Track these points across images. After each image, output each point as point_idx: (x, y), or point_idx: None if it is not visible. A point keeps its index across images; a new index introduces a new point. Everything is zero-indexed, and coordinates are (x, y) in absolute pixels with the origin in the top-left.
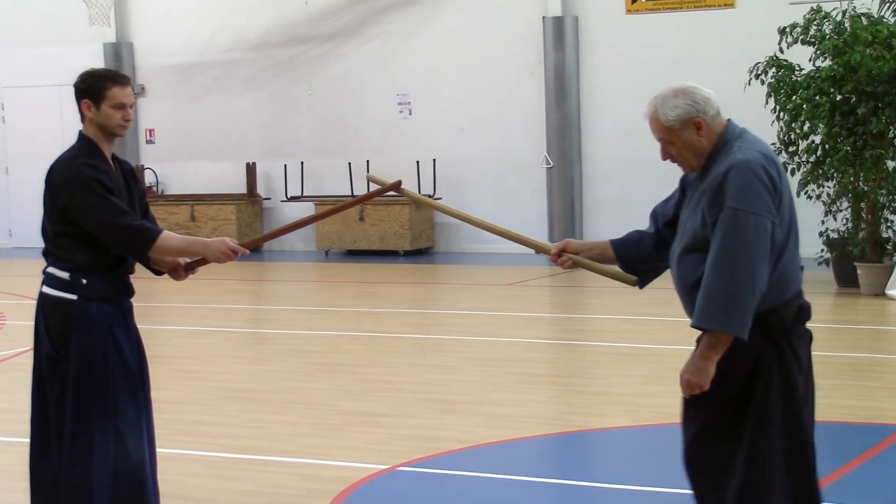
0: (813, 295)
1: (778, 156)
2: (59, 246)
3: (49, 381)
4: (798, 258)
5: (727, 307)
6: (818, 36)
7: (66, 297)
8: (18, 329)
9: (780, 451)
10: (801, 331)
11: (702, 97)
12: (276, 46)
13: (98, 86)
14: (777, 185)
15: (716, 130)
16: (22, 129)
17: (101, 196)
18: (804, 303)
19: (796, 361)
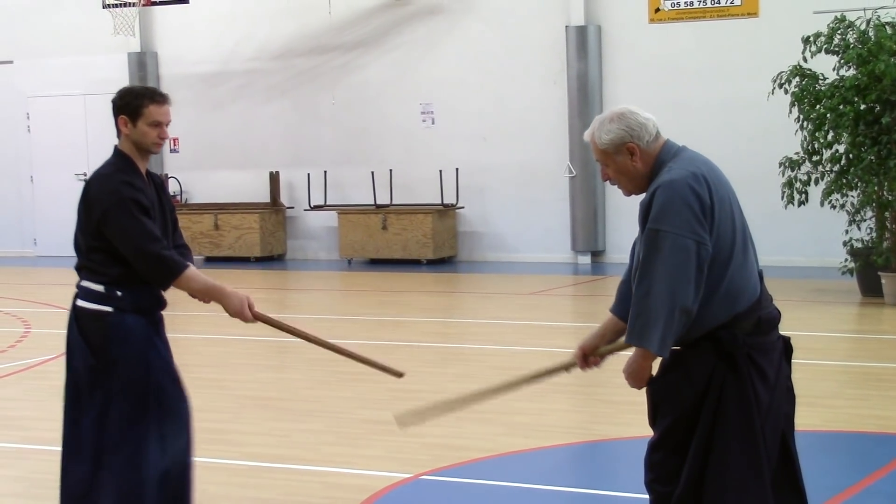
0: (837, 304)
1: (804, 164)
2: (93, 260)
3: (89, 391)
4: (751, 269)
5: (646, 326)
6: (842, 45)
7: (102, 310)
8: (43, 337)
9: (732, 466)
10: (764, 343)
11: (637, 122)
12: (300, 56)
13: (135, 103)
14: (706, 203)
15: (651, 154)
16: (47, 139)
17: (135, 218)
18: (765, 313)
19: (758, 375)
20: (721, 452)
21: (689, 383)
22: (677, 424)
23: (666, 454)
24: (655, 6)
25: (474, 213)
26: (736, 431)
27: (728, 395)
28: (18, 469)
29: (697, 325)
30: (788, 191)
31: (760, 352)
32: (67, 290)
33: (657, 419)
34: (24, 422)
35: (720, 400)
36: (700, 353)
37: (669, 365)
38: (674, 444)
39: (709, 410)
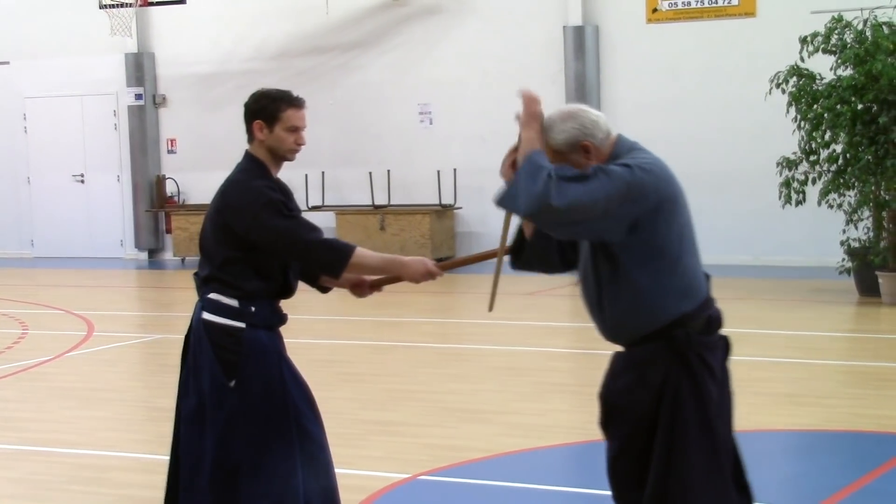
0: (834, 304)
1: (801, 163)
2: (228, 272)
3: (214, 410)
4: (700, 267)
5: (530, 179)
6: (839, 45)
7: (236, 326)
8: (40, 339)
9: (695, 465)
10: (712, 341)
11: (590, 120)
12: (298, 56)
13: (273, 107)
14: (649, 195)
15: (605, 152)
16: (44, 140)
17: (288, 216)
18: (713, 312)
19: (709, 373)
20: (681, 453)
21: (644, 386)
22: (638, 430)
23: (630, 462)
24: (653, 6)
25: (472, 214)
26: (694, 431)
27: (684, 395)
28: (16, 470)
29: (651, 318)
30: (786, 190)
31: (709, 350)
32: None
33: (612, 427)
34: (22, 423)
35: (675, 400)
36: (652, 354)
37: (621, 369)
38: (637, 451)
39: (666, 412)
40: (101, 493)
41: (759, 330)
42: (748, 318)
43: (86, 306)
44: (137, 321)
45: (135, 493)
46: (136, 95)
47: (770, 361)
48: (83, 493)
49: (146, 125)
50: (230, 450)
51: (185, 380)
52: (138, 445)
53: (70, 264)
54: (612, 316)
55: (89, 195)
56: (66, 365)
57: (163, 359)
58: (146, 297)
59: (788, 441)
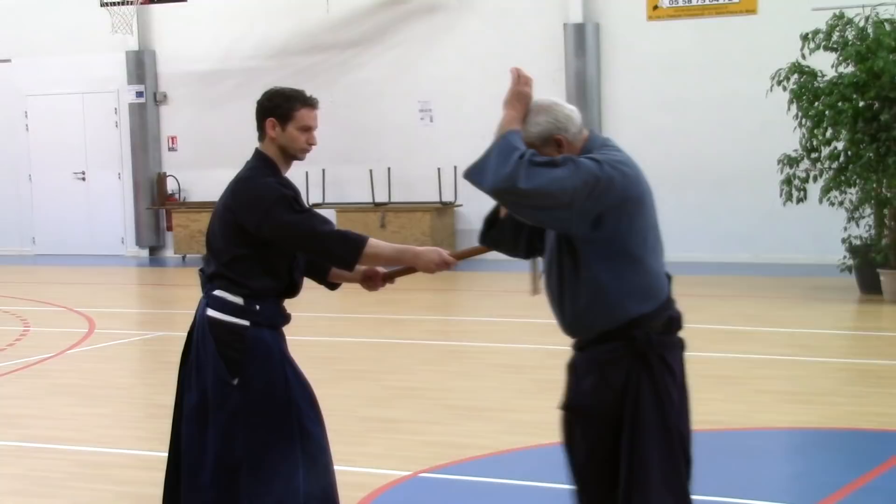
0: (836, 302)
1: (802, 161)
2: (235, 270)
3: (216, 408)
4: (663, 269)
5: (501, 157)
6: (841, 42)
7: (240, 324)
8: (41, 336)
9: (656, 466)
10: (671, 341)
11: (564, 115)
12: (298, 54)
13: (286, 106)
14: (615, 191)
15: (577, 146)
16: (45, 138)
17: (300, 211)
18: (674, 313)
19: (669, 373)
20: (641, 455)
21: (608, 386)
22: (606, 430)
23: (602, 463)
24: (654, 4)
25: (473, 211)
26: (654, 431)
27: (644, 395)
28: (18, 467)
29: (609, 315)
30: (787, 188)
31: (669, 350)
32: (66, 288)
33: (581, 430)
34: (24, 420)
35: (637, 401)
36: (613, 354)
37: (584, 372)
38: (607, 451)
39: (629, 412)
40: (102, 490)
41: (759, 328)
42: (749, 315)
43: (87, 303)
44: (138, 318)
45: (135, 489)
46: (136, 93)
47: (771, 359)
48: (84, 490)
49: (147, 123)
50: (232, 448)
51: (187, 376)
52: (139, 442)
53: (71, 261)
54: (572, 310)
55: (90, 193)
56: (68, 362)
57: (163, 356)
58: (147, 294)
59: (789, 439)
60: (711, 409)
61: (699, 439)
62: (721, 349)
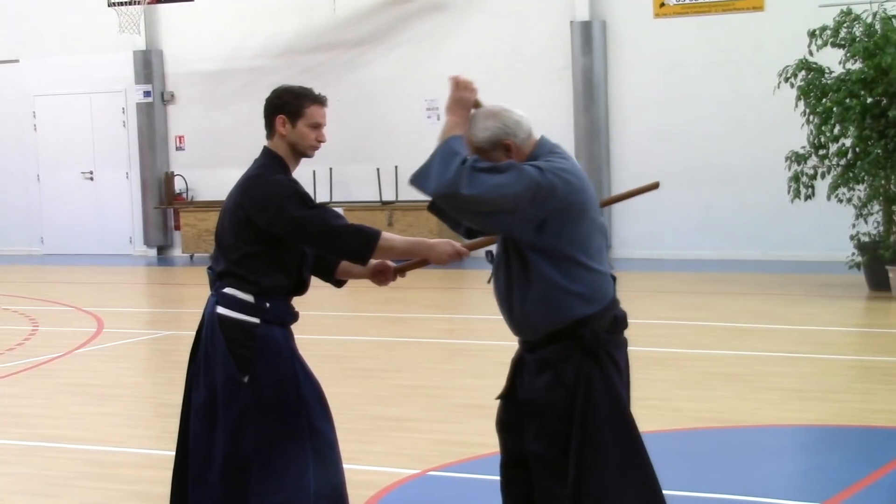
0: (844, 299)
1: (810, 158)
2: (245, 267)
3: (226, 405)
4: (607, 272)
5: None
6: (848, 38)
7: (250, 321)
8: (49, 335)
9: (612, 460)
10: (617, 340)
11: (512, 120)
12: (305, 53)
13: (296, 103)
14: (558, 198)
15: (525, 152)
16: (53, 137)
17: (312, 207)
18: (619, 313)
19: (616, 370)
20: (597, 451)
21: (561, 382)
22: (560, 425)
23: (559, 457)
24: (660, 1)
25: None
26: (610, 426)
27: (596, 391)
28: (26, 466)
29: (554, 316)
30: (795, 185)
31: (616, 348)
32: (74, 287)
33: (534, 428)
34: (32, 419)
35: (587, 397)
36: (563, 352)
37: (535, 371)
38: (562, 446)
39: (580, 406)
40: (110, 489)
41: (767, 325)
42: (757, 312)
43: (95, 303)
44: (146, 318)
45: (144, 488)
46: (144, 93)
47: (779, 356)
48: (92, 489)
49: (154, 122)
50: (242, 445)
51: (195, 373)
52: (147, 441)
53: (79, 261)
54: (520, 311)
55: (98, 192)
56: (76, 361)
57: (172, 355)
58: (155, 293)
59: (798, 437)
60: (720, 407)
61: (708, 436)
62: (729, 346)
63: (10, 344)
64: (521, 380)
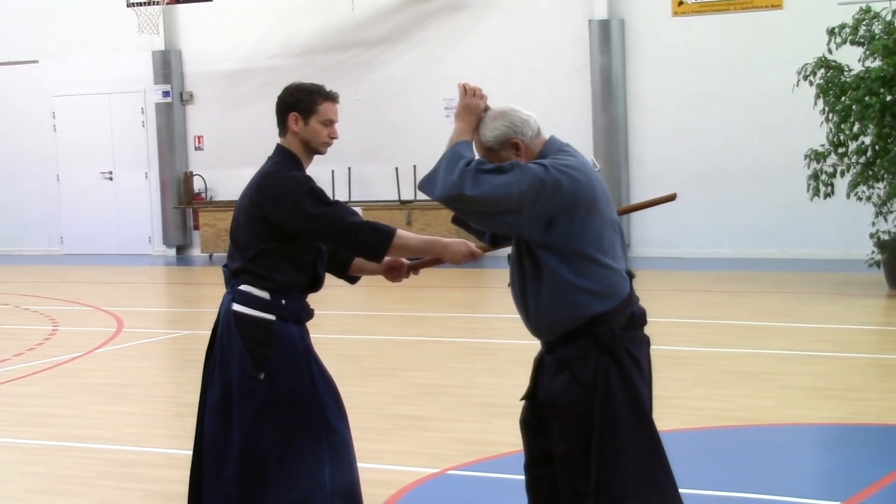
0: (864, 297)
1: (829, 156)
2: (261, 264)
3: (242, 402)
4: (621, 269)
5: (449, 167)
6: (867, 36)
7: (266, 318)
8: (69, 335)
9: (632, 458)
10: (637, 336)
11: (520, 119)
12: (323, 52)
13: (308, 100)
14: (563, 194)
15: (534, 150)
16: (73, 137)
17: (328, 203)
18: (637, 309)
19: (636, 367)
20: (619, 449)
21: (579, 382)
22: (581, 425)
23: (582, 457)
24: None
25: None
26: (629, 426)
27: (614, 391)
28: (46, 466)
29: (569, 315)
30: (814, 183)
31: (636, 345)
32: (94, 287)
33: (555, 428)
34: (53, 419)
35: (607, 396)
36: (581, 351)
37: (554, 371)
38: (584, 446)
39: (600, 406)
40: (131, 488)
41: (787, 323)
42: (776, 311)
43: (115, 303)
44: (166, 317)
45: (163, 487)
46: (163, 93)
47: (798, 355)
48: (112, 489)
49: (174, 122)
50: (258, 442)
51: (211, 371)
52: (167, 441)
53: (99, 261)
54: (535, 311)
55: (118, 192)
56: (96, 361)
57: (191, 355)
58: (174, 293)
59: (818, 435)
60: (739, 405)
61: (728, 434)
62: (748, 345)
63: (31, 344)
64: (542, 380)
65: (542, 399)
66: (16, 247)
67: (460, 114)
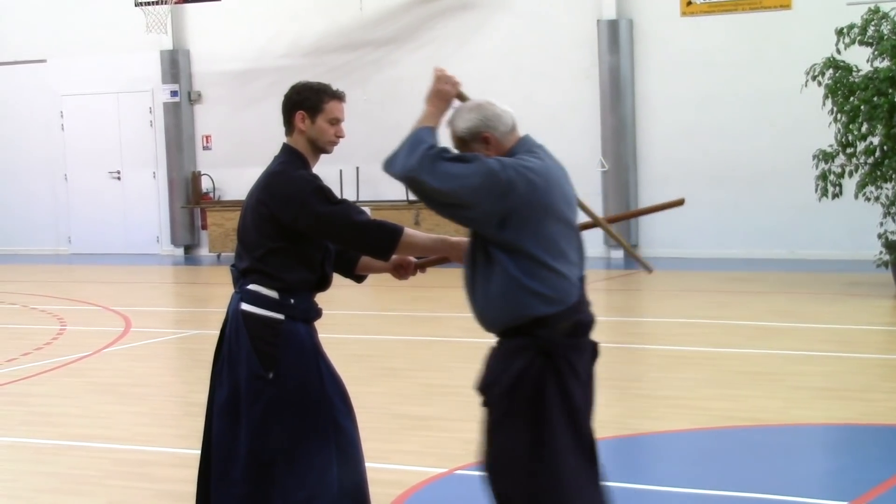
0: (872, 297)
1: (838, 156)
2: (269, 264)
3: (250, 402)
4: (570, 272)
5: (409, 149)
6: (876, 36)
7: (275, 317)
8: (78, 334)
9: (566, 458)
10: (580, 344)
11: (493, 113)
12: (331, 52)
13: (315, 98)
14: (517, 195)
15: (505, 146)
16: (80, 137)
17: (336, 202)
18: (584, 317)
19: (573, 374)
20: (551, 450)
21: (507, 370)
22: (512, 423)
23: (512, 456)
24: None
25: None
26: (563, 430)
27: (549, 392)
28: (55, 465)
29: (511, 313)
30: (822, 183)
31: (576, 352)
32: (102, 287)
33: (495, 424)
34: (61, 418)
35: (540, 397)
36: (520, 346)
37: (490, 364)
38: (518, 437)
39: (531, 407)
40: (140, 488)
41: (795, 324)
42: (784, 311)
43: (123, 302)
44: (174, 317)
45: (173, 487)
46: (171, 92)
47: (806, 355)
48: (121, 488)
49: (182, 122)
50: (266, 442)
51: (219, 370)
52: (176, 440)
53: (107, 261)
54: (482, 303)
55: (125, 192)
56: (104, 361)
57: (199, 354)
58: (182, 293)
59: (826, 435)
60: (747, 405)
61: (736, 434)
62: (756, 345)
63: (39, 343)
64: (483, 369)
65: (478, 390)
66: (24, 246)
67: (430, 98)
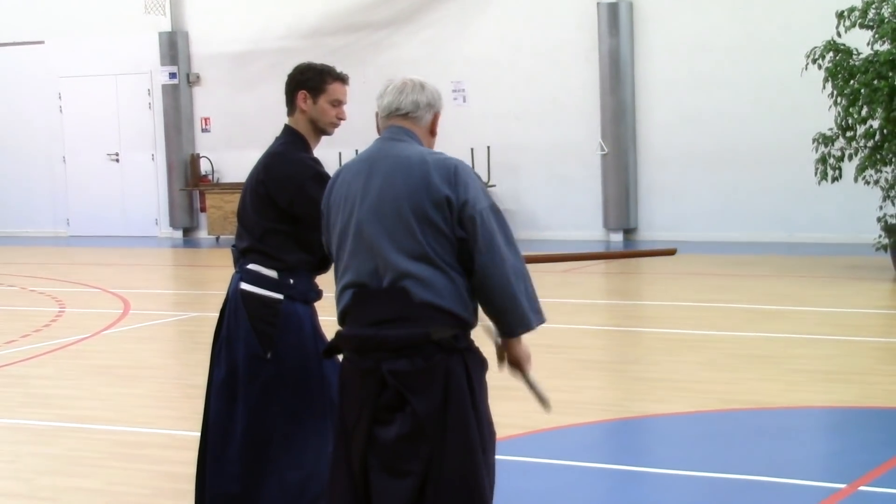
0: (871, 281)
1: (838, 140)
2: (269, 244)
3: (248, 382)
4: (346, 279)
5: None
6: (877, 19)
7: (273, 297)
8: (76, 317)
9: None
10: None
11: (439, 92)
12: (331, 34)
13: (318, 79)
14: None
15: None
16: (79, 119)
17: None
18: (346, 331)
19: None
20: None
21: None
22: None
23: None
24: None
25: (506, 192)
26: None
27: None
28: (54, 447)
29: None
30: (822, 167)
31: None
32: (100, 269)
33: None
34: (60, 400)
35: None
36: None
37: None
38: None
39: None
40: (139, 469)
41: (794, 307)
42: (783, 295)
43: (121, 285)
44: (173, 299)
45: (171, 469)
46: (170, 74)
47: (805, 338)
48: (120, 470)
49: (180, 104)
50: (263, 421)
51: (218, 350)
52: (175, 422)
53: (105, 243)
54: None
55: (124, 174)
56: (103, 343)
57: (198, 336)
58: (181, 275)
59: (824, 418)
60: (747, 388)
61: (735, 417)
62: (756, 329)
63: (38, 325)
64: None
65: None
66: (22, 228)
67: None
